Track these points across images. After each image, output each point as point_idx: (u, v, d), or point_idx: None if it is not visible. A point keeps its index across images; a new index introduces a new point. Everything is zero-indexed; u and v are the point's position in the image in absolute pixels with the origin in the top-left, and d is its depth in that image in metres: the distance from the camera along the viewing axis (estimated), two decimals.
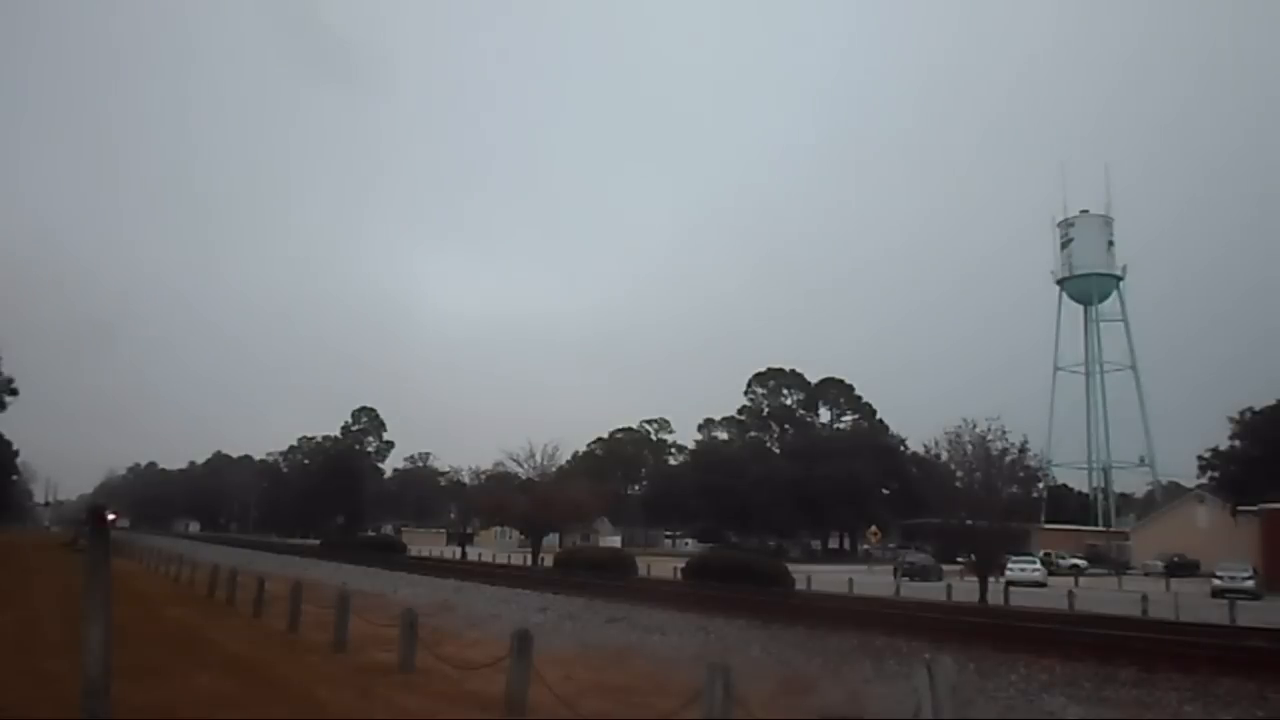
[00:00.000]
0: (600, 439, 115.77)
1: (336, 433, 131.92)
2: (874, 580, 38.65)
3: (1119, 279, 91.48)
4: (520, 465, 68.53)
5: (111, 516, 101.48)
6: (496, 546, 74.96)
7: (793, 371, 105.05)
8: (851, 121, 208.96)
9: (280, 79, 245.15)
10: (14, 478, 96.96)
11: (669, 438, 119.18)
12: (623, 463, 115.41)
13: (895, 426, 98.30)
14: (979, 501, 29.05)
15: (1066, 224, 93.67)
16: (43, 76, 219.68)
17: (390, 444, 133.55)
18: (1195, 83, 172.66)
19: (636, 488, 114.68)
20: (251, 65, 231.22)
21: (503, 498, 63.93)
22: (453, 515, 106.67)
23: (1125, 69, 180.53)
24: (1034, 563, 43.14)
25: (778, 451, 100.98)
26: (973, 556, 30.52)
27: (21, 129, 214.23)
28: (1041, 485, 50.61)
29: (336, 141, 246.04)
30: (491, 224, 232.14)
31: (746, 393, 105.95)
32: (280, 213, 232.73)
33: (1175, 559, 53.75)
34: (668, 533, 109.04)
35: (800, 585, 29.89)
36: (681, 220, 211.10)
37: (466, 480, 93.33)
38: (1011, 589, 31.30)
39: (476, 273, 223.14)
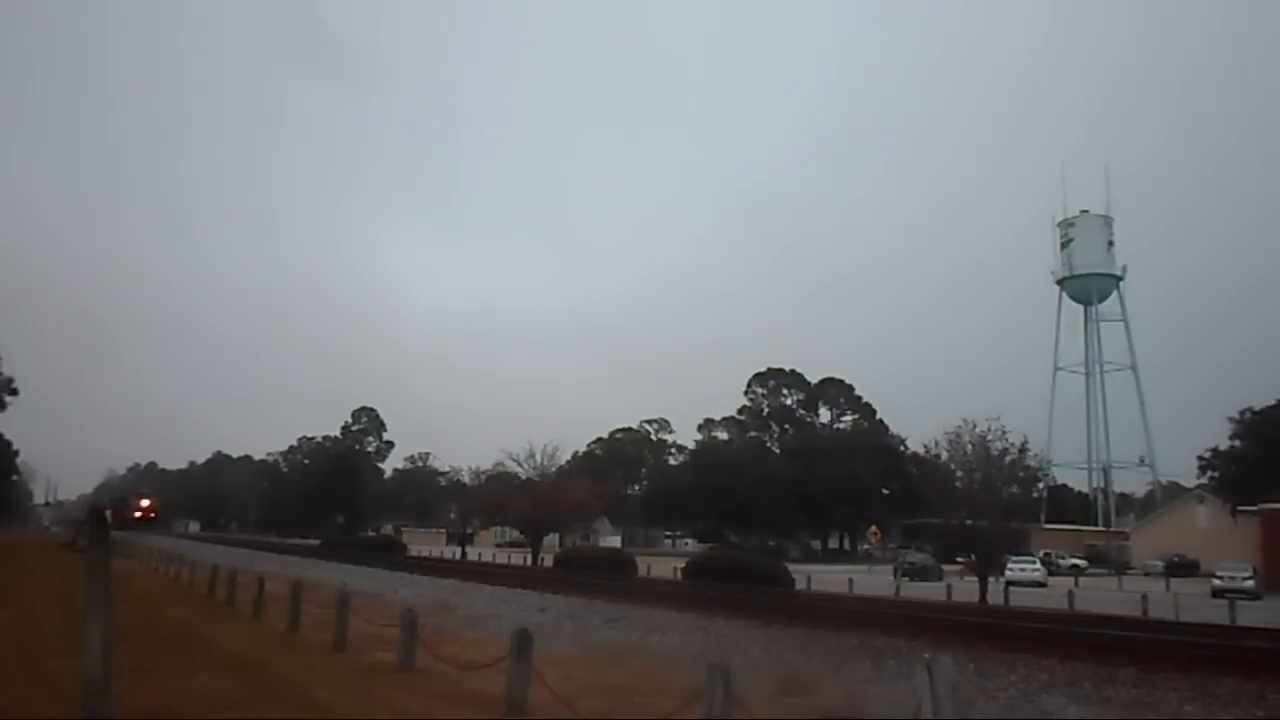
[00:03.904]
0: (600, 439, 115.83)
1: (336, 433, 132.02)
2: (874, 580, 38.65)
3: (1119, 279, 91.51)
4: (520, 465, 68.56)
5: (147, 504, 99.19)
6: (496, 546, 74.96)
7: (793, 371, 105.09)
8: (852, 122, 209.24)
9: (271, 77, 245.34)
10: (14, 478, 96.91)
11: (669, 438, 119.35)
12: (623, 463, 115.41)
13: (895, 426, 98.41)
14: (979, 501, 29.04)
15: (1066, 224, 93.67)
16: (39, 75, 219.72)
17: (390, 444, 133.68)
18: (1195, 83, 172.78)
19: (636, 488, 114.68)
20: (244, 64, 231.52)
21: (503, 498, 63.93)
22: (453, 515, 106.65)
23: (1125, 69, 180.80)
24: (1034, 563, 43.14)
25: (778, 451, 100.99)
26: (973, 556, 30.52)
27: (19, 127, 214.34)
28: (1041, 485, 50.65)
29: (333, 139, 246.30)
30: (491, 223, 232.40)
31: (746, 393, 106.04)
32: (279, 212, 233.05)
33: (1175, 559, 53.74)
34: (668, 533, 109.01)
35: (800, 585, 29.89)
36: (682, 220, 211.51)
37: (466, 480, 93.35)
38: (1011, 589, 31.31)
39: (477, 272, 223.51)
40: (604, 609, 20.31)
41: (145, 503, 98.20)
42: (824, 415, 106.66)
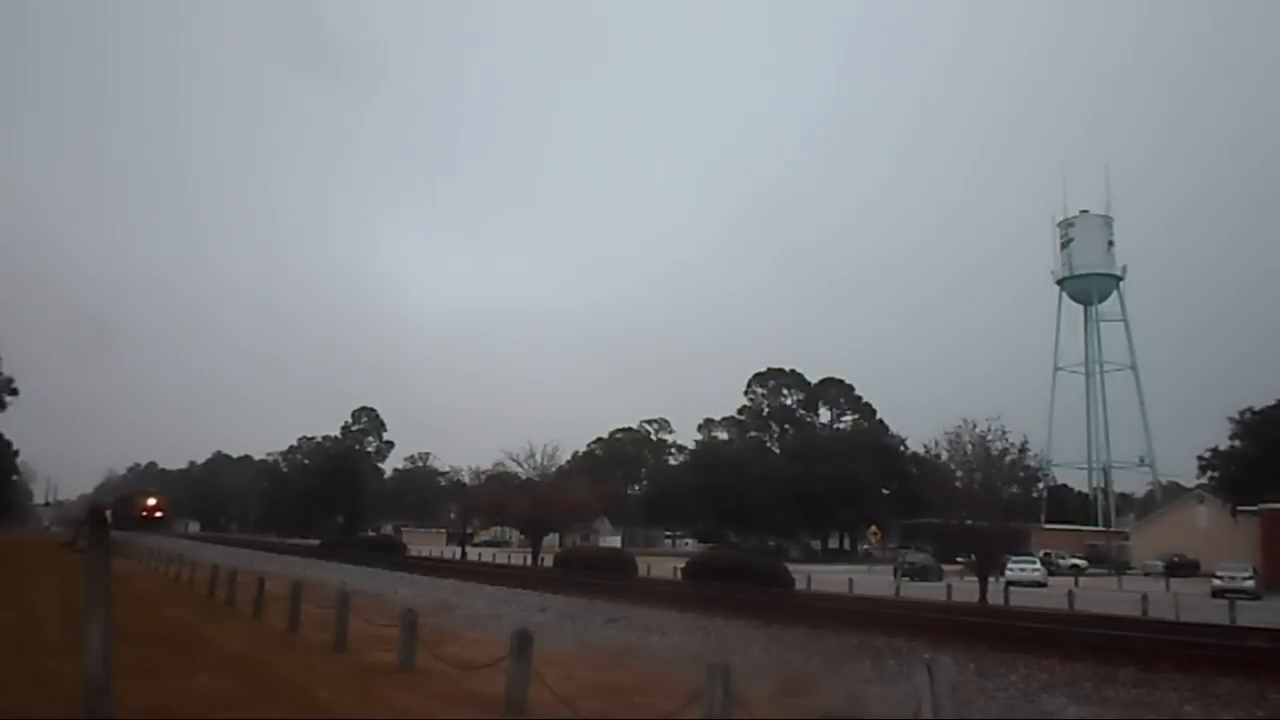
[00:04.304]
0: (600, 439, 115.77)
1: (336, 433, 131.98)
2: (874, 580, 38.65)
3: (1119, 279, 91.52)
4: (520, 465, 68.40)
5: (153, 502, 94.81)
6: (495, 547, 74.97)
7: (793, 371, 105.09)
8: (853, 122, 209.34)
9: (270, 77, 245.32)
10: (14, 478, 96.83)
11: (669, 438, 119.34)
12: (623, 463, 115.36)
13: (895, 426, 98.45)
14: (979, 501, 29.05)
15: (1066, 224, 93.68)
16: (38, 76, 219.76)
17: (390, 444, 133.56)
18: (1194, 82, 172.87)
19: (636, 488, 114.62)
20: (243, 64, 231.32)
21: (503, 498, 63.90)
22: (453, 515, 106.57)
23: (1125, 69, 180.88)
24: (1034, 563, 43.13)
25: (778, 451, 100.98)
26: (973, 556, 30.52)
27: (19, 127, 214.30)
28: (1041, 485, 50.67)
29: (332, 139, 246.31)
30: (491, 223, 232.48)
31: (746, 393, 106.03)
32: (278, 212, 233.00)
33: (1175, 559, 53.75)
34: (668, 533, 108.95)
35: (800, 585, 29.88)
36: (683, 221, 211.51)
37: (466, 480, 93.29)
38: (1011, 589, 31.30)
39: (476, 272, 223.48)
40: (604, 609, 20.30)
41: (152, 501, 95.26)
42: (824, 415, 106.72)
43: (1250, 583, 36.68)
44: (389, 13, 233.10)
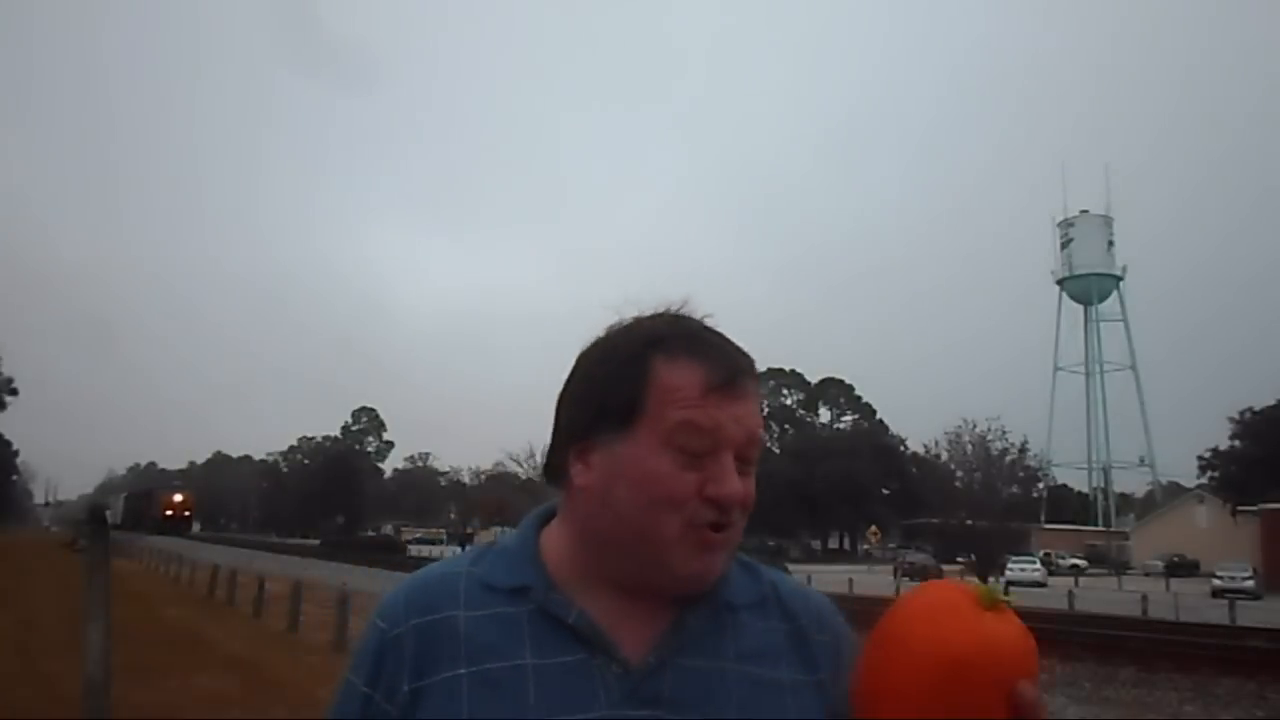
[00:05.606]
0: None
1: (336, 433, 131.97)
2: (874, 580, 38.59)
3: (1119, 279, 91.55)
4: (520, 465, 68.53)
5: (180, 499, 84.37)
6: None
7: (793, 371, 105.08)
8: (853, 124, 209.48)
9: (269, 74, 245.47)
10: (14, 478, 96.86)
11: None
12: None
13: (895, 426, 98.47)
14: (979, 501, 29.12)
15: (1066, 224, 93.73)
16: (38, 76, 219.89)
17: (390, 444, 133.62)
18: (1194, 82, 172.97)
19: None
20: (242, 62, 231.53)
21: (503, 498, 63.98)
22: (453, 515, 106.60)
23: (1125, 69, 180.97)
24: (1034, 563, 43.04)
25: (778, 451, 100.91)
26: (973, 556, 30.57)
27: (19, 127, 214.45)
28: (1041, 485, 50.75)
29: (332, 137, 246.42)
30: (492, 223, 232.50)
31: None
32: (278, 211, 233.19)
33: (1175, 559, 53.71)
34: None
35: None
36: (683, 219, 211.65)
37: (466, 480, 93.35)
38: (1011, 589, 30.92)
39: (477, 272, 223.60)
40: None
41: (178, 498, 79.72)
42: (824, 415, 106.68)
43: (1250, 583, 36.64)
44: (388, 11, 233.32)
